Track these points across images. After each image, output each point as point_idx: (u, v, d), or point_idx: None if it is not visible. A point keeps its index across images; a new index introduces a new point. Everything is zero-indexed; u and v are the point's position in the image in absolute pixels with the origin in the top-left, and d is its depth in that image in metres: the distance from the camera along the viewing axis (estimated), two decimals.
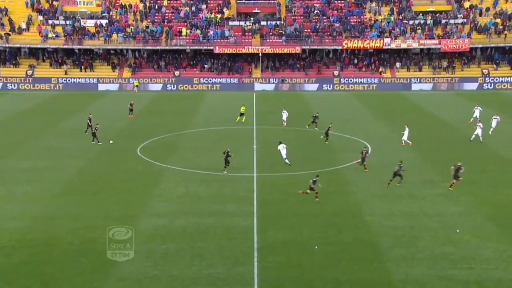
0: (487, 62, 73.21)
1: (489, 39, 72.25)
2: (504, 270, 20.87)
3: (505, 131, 44.09)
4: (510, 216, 26.00)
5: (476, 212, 26.62)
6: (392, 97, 64.40)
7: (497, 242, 23.25)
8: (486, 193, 29.29)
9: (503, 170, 33.53)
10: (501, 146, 39.14)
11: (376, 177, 32.45)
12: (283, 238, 23.98)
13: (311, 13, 77.59)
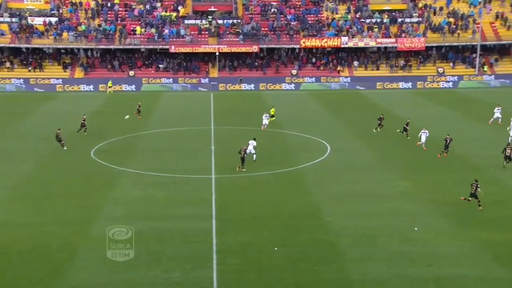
0: (442, 61, 75.17)
1: (443, 38, 74.22)
2: (460, 266, 21.51)
3: (460, 129, 45.35)
4: (465, 214, 26.75)
5: (433, 210, 27.30)
6: (351, 95, 65.33)
7: (453, 239, 23.92)
8: (441, 192, 30.03)
9: (458, 169, 34.45)
10: (455, 145, 40.18)
11: (336, 177, 32.91)
12: (242, 241, 24.06)
13: (268, 11, 78.01)
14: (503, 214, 26.67)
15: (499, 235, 24.27)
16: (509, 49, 75.69)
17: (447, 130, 43.84)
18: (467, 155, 37.25)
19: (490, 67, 73.50)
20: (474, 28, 74.02)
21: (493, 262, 21.74)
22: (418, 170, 34.00)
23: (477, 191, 26.95)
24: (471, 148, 38.82)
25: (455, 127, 46.27)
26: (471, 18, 75.75)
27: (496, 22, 75.79)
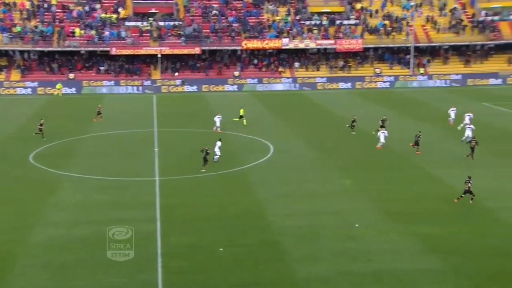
0: (379, 62, 77.09)
1: (379, 39, 76.13)
2: (398, 260, 22.09)
3: (397, 128, 46.57)
4: (402, 210, 27.50)
5: (373, 207, 27.92)
6: (293, 96, 65.96)
7: (391, 234, 24.54)
8: (381, 189, 30.76)
9: (397, 166, 35.37)
10: (394, 143, 41.26)
11: (279, 177, 33.13)
12: (187, 242, 23.87)
13: (210, 13, 77.77)
14: (435, 209, 27.52)
15: (433, 228, 25.06)
16: (440, 50, 78.44)
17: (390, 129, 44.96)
18: (405, 152, 38.25)
19: (423, 68, 75.87)
20: (407, 31, 76.29)
21: (428, 255, 22.42)
22: (359, 169, 34.69)
23: (469, 187, 27.52)
24: (408, 146, 39.85)
25: (392, 125, 47.43)
26: (405, 21, 78.04)
27: (427, 25, 78.37)
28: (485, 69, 75.17)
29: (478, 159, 36.07)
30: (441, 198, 29.15)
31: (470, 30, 76.97)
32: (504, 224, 25.47)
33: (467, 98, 61.20)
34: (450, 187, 30.72)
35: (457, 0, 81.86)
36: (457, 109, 48.43)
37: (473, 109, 48.48)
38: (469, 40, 76.58)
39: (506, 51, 77.75)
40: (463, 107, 54.96)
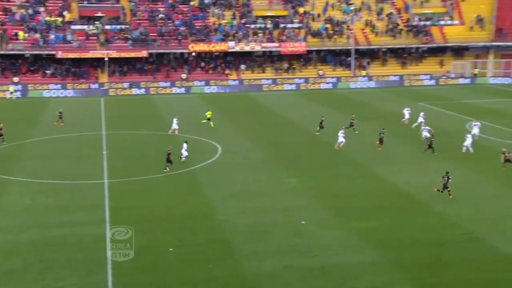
0: (322, 64, 78.28)
1: (322, 42, 77.33)
2: (342, 254, 22.55)
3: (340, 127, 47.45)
4: (346, 206, 28.07)
5: (318, 204, 28.36)
6: (239, 98, 66.10)
7: (336, 229, 25.01)
8: (325, 186, 31.29)
9: (340, 164, 36.03)
10: (334, 141, 42.03)
11: (228, 177, 33.16)
12: (137, 244, 23.49)
13: (156, 17, 76.95)
14: (376, 204, 28.23)
15: (374, 223, 25.69)
16: (378, 53, 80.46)
17: (329, 128, 45.80)
18: (348, 151, 39.00)
19: (364, 70, 77.61)
20: (348, 34, 77.82)
21: (369, 248, 22.98)
22: (304, 167, 35.12)
23: (448, 183, 28.11)
24: (351, 145, 40.66)
25: (336, 125, 48.28)
26: (345, 25, 79.59)
27: (366, 29, 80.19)
28: (420, 70, 77.65)
29: (414, 156, 37.24)
30: (381, 193, 29.91)
31: (405, 34, 79.29)
32: (438, 216, 26.37)
33: (405, 98, 62.96)
34: (390, 183, 31.57)
35: (393, 6, 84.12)
36: (404, 108, 49.74)
37: (410, 108, 49.93)
38: (405, 43, 78.93)
39: (437, 54, 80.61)
40: (402, 106, 56.59)
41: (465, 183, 31.42)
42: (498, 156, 34.89)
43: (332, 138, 42.96)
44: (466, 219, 25.89)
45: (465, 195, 29.32)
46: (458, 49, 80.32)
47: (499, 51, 79.19)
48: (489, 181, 31.76)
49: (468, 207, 27.50)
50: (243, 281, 20.62)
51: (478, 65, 77.97)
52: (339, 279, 20.52)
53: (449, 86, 73.61)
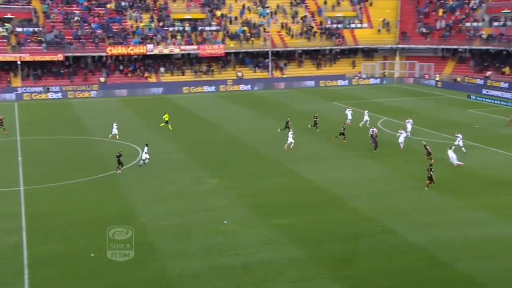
0: (241, 66, 78.72)
1: (240, 45, 77.78)
2: (264, 251, 22.76)
3: (258, 128, 47.95)
4: (267, 204, 28.37)
5: (240, 203, 28.47)
6: (159, 100, 65.13)
7: (257, 228, 25.20)
8: (246, 186, 31.48)
9: (260, 163, 36.35)
10: (258, 142, 42.42)
11: (150, 179, 32.58)
12: (56, 251, 22.66)
13: (72, 19, 74.28)
14: (295, 201, 28.75)
15: (294, 220, 26.13)
16: (295, 54, 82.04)
17: (247, 128, 46.12)
18: (267, 151, 39.44)
19: (281, 71, 78.88)
20: (265, 36, 78.77)
21: (290, 245, 23.35)
22: (225, 167, 35.14)
23: (432, 174, 29.58)
24: (269, 144, 41.18)
25: (254, 125, 48.74)
26: (262, 27, 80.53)
27: (282, 31, 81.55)
28: (334, 71, 79.96)
29: (329, 153, 38.27)
30: (300, 191, 30.48)
31: (319, 36, 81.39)
32: (353, 211, 27.24)
33: (320, 98, 64.60)
34: (309, 180, 32.24)
35: (306, 9, 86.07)
36: (325, 108, 50.95)
37: (326, 108, 51.31)
38: (319, 45, 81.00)
39: (350, 56, 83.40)
40: (317, 106, 58.03)
41: (378, 178, 32.65)
42: (408, 151, 36.57)
43: (253, 139, 43.29)
44: (379, 212, 26.89)
45: (378, 190, 30.47)
46: (368, 50, 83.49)
47: (404, 53, 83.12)
48: (400, 175, 33.18)
49: (381, 201, 28.59)
50: (167, 282, 20.33)
51: (386, 66, 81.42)
52: (261, 276, 20.69)
53: (361, 86, 76.29)
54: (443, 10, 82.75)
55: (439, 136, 42.66)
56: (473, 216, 26.25)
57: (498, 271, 20.85)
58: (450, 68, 78.72)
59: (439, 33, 79.92)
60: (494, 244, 23.11)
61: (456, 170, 33.88)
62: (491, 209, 27.02)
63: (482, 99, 62.05)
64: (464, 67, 77.48)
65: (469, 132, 41.27)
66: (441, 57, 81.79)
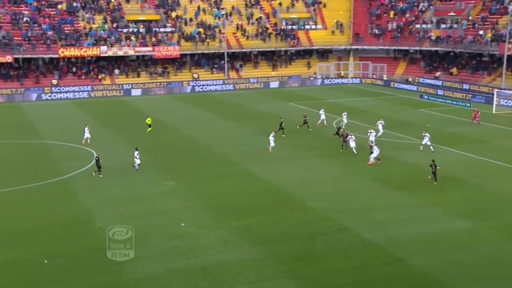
0: (197, 67, 78.39)
1: (195, 46, 77.44)
2: (223, 253, 22.74)
3: (216, 129, 47.88)
4: (224, 205, 28.36)
5: (197, 205, 28.35)
6: (114, 103, 64.15)
7: (215, 229, 25.16)
8: (204, 187, 31.36)
9: (217, 165, 36.28)
10: (214, 143, 42.32)
11: (105, 183, 32.04)
12: (8, 259, 21.99)
13: (21, 20, 72.20)
14: (252, 202, 28.86)
15: (251, 220, 26.24)
16: (250, 56, 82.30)
17: (204, 130, 45.90)
18: (224, 152, 39.41)
19: (237, 72, 78.98)
20: (220, 38, 78.70)
21: (248, 245, 23.43)
22: (183, 169, 34.92)
23: (436, 170, 30.54)
24: (227, 145, 41.17)
25: (212, 127, 48.64)
26: (217, 29, 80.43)
27: (238, 33, 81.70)
28: (289, 72, 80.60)
29: (286, 153, 38.57)
30: (257, 191, 30.60)
31: (274, 38, 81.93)
32: (311, 210, 27.55)
33: (277, 99, 65.02)
34: (266, 181, 32.39)
35: (261, 11, 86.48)
36: (283, 109, 51.16)
37: (284, 108, 51.69)
38: (275, 46, 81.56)
39: (305, 57, 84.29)
40: (275, 106, 58.44)
41: (333, 177, 33.12)
42: (361, 150, 37.23)
43: (211, 140, 43.19)
44: (336, 211, 27.28)
45: (334, 189, 30.91)
46: (323, 51, 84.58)
47: (358, 53, 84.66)
48: (355, 174, 33.75)
49: (337, 200, 29.01)
50: (125, 286, 20.03)
51: (341, 67, 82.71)
52: (220, 278, 20.67)
53: (316, 86, 77.16)
54: (394, 12, 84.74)
55: (392, 135, 43.59)
56: (425, 213, 26.97)
57: (449, 266, 21.50)
58: (402, 68, 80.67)
59: (391, 34, 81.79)
60: (445, 239, 23.82)
61: (409, 168, 34.73)
62: (442, 206, 27.83)
63: (434, 98, 63.82)
64: (415, 68, 79.55)
65: (420, 131, 42.32)
66: (393, 57, 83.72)
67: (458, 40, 73.97)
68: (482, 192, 30.21)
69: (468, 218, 26.16)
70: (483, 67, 71.93)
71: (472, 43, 71.88)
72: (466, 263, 21.69)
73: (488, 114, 53.19)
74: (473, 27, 75.07)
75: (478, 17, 76.47)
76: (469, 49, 72.50)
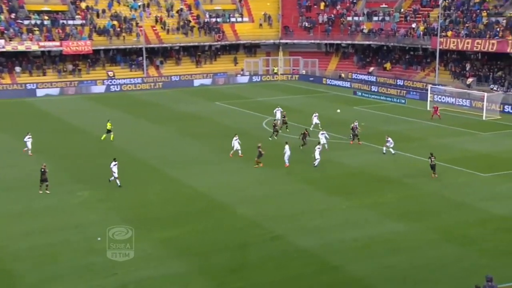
0: (112, 64, 76.88)
1: (110, 41, 75.95)
2: (145, 268, 22.47)
3: (137, 131, 47.21)
4: (145, 216, 28.02)
5: (115, 217, 27.78)
6: (15, 105, 61.71)
7: (136, 243, 24.61)
8: (122, 197, 30.85)
9: (135, 170, 35.73)
10: (135, 149, 41.70)
11: (8, 195, 30.87)
12: None
13: None
14: (176, 211, 28.69)
15: (175, 231, 26.08)
16: (172, 51, 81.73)
17: (121, 133, 45.15)
18: (145, 157, 38.91)
19: (157, 69, 78.16)
20: (137, 31, 77.64)
21: (173, 259, 23.27)
22: (98, 178, 34.11)
23: (433, 162, 33.07)
24: (147, 150, 40.67)
25: (130, 130, 47.89)
26: (134, 21, 79.29)
27: (157, 26, 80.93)
28: (214, 69, 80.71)
29: (212, 156, 38.67)
30: (181, 199, 30.48)
31: (197, 31, 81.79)
32: (241, 218, 27.75)
33: (202, 98, 64.95)
34: (190, 187, 32.32)
35: (183, 2, 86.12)
36: (208, 109, 51.01)
37: (210, 108, 51.68)
38: (198, 41, 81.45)
39: (231, 52, 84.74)
40: (200, 106, 58.44)
41: (264, 180, 33.52)
42: (296, 152, 37.87)
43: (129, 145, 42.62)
44: (267, 218, 27.61)
45: (265, 194, 31.29)
46: (250, 46, 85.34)
47: (287, 48, 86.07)
48: (286, 177, 34.30)
49: (269, 206, 29.38)
50: None
51: (269, 63, 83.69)
52: None
53: (244, 84, 77.70)
54: (325, 3, 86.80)
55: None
56: (359, 216, 27.85)
57: (384, 271, 22.33)
58: (334, 63, 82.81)
59: (322, 27, 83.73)
60: (380, 243, 24.71)
61: (343, 169, 35.75)
62: (376, 208, 28.86)
63: (368, 95, 65.98)
64: (348, 63, 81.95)
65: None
66: (325, 52, 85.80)
67: (390, 34, 76.92)
68: (417, 192, 31.56)
69: (403, 220, 27.27)
70: (416, 61, 75.22)
71: (404, 36, 74.98)
72: (402, 267, 22.59)
73: (423, 111, 55.63)
74: (405, 20, 78.33)
75: (410, 9, 79.95)
76: (402, 43, 75.59)
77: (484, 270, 20.33)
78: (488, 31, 64.94)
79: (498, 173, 34.71)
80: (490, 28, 65.52)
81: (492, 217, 27.62)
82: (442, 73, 69.12)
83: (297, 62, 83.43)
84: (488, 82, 63.55)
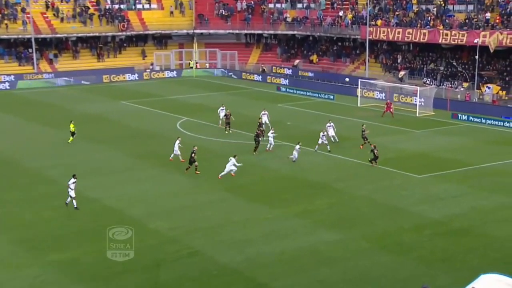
0: None
1: None
2: None
3: (28, 136, 45.75)
4: (40, 236, 27.16)
5: (2, 238, 26.83)
6: None
7: (28, 268, 23.93)
8: (11, 214, 29.83)
9: (29, 183, 34.65)
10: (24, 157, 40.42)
11: None
12: None
13: None
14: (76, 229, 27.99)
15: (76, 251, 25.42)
16: (68, 43, 79.64)
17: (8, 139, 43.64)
18: (39, 166, 37.81)
19: (50, 64, 75.99)
20: (24, 19, 75.18)
21: (74, 284, 22.67)
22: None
23: (376, 153, 36.59)
24: (41, 158, 39.54)
25: (19, 135, 46.45)
26: (19, 7, 76.75)
27: (48, 13, 78.73)
28: (119, 63, 79.50)
29: (117, 163, 38.10)
30: (85, 214, 29.77)
31: (98, 20, 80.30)
32: (153, 233, 27.42)
33: (104, 96, 63.81)
34: (94, 200, 31.67)
35: None
36: (112, 109, 50.01)
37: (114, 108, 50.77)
38: (99, 31, 79.99)
39: (138, 44, 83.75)
40: (102, 106, 57.38)
41: (178, 191, 33.33)
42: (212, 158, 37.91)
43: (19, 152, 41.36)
44: (184, 232, 27.46)
45: (180, 205, 31.11)
46: (161, 37, 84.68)
47: (203, 39, 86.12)
48: (203, 185, 34.23)
49: (185, 218, 29.22)
50: None
51: (183, 55, 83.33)
52: None
53: (154, 80, 76.95)
54: None
55: (245, 136, 44.87)
56: (287, 226, 28.20)
57: (315, 285, 22.73)
58: (256, 56, 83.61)
59: (241, 15, 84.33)
60: (309, 255, 25.11)
61: (266, 174, 36.10)
62: (305, 217, 29.32)
63: (293, 91, 66.97)
64: (271, 55, 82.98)
65: (281, 130, 44.17)
66: (245, 44, 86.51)
67: (316, 23, 78.52)
68: (349, 197, 32.37)
69: (335, 228, 27.86)
70: (345, 53, 77.23)
71: (332, 25, 76.78)
72: (334, 280, 23.06)
73: (353, 107, 57.13)
74: (332, 7, 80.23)
75: None
76: (329, 33, 77.36)
77: (421, 279, 21.10)
78: (419, 19, 67.62)
79: (433, 174, 36.17)
80: (420, 16, 68.24)
81: (427, 222, 28.72)
82: (373, 66, 71.29)
83: (214, 55, 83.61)
84: (422, 76, 66.09)
